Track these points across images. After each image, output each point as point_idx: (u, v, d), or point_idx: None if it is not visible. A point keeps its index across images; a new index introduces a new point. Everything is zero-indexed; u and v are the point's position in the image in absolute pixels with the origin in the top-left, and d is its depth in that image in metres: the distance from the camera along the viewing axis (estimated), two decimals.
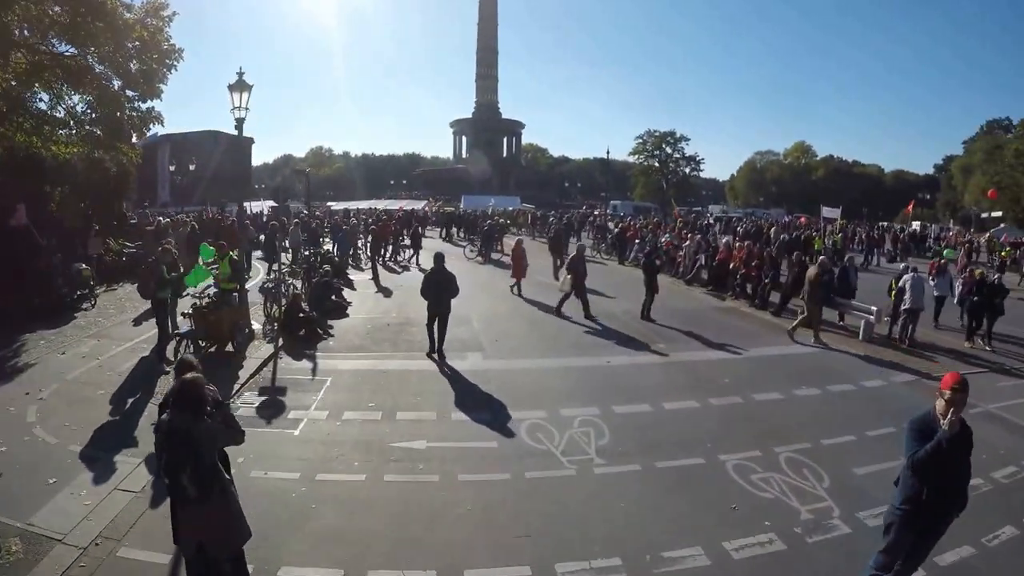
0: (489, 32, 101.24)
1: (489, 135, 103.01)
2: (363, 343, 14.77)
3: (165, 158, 52.51)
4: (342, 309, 17.61)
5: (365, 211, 53.01)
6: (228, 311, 13.53)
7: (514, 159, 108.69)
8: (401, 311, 17.91)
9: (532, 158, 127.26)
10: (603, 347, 14.64)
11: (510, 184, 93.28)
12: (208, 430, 5.34)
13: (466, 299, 19.12)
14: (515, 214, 51.62)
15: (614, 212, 57.55)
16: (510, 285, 20.89)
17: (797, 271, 17.62)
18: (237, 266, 14.56)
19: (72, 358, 13.06)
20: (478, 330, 15.93)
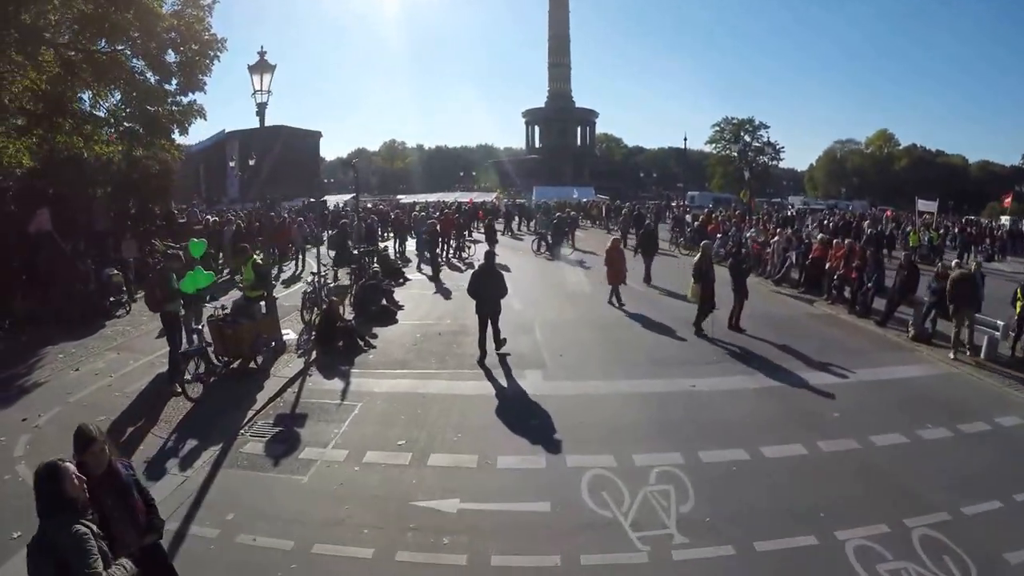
0: (560, 19, 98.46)
1: (562, 125, 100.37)
2: (406, 357, 12.86)
3: (233, 155, 52.74)
4: (391, 315, 15.83)
5: (434, 204, 51.50)
6: (249, 325, 11.87)
7: (587, 149, 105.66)
8: (456, 317, 15.97)
9: (606, 148, 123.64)
10: (686, 364, 12.20)
11: (583, 174, 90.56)
12: (76, 543, 3.47)
13: (530, 303, 17.34)
14: (588, 205, 48.96)
15: (691, 203, 54.17)
16: (608, 298, 17.42)
17: (907, 274, 14.75)
18: (262, 271, 12.93)
19: (84, 375, 11.84)
20: (540, 342, 13.78)
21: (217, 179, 59.27)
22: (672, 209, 47.98)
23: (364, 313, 15.54)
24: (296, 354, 12.86)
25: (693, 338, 13.85)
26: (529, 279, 21.61)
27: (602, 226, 43.02)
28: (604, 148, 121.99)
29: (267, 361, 12.14)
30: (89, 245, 16.98)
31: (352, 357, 12.75)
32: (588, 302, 17.91)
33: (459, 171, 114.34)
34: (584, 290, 19.71)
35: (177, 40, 17.73)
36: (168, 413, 9.92)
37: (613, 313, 16.32)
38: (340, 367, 12.19)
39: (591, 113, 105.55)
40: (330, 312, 13.41)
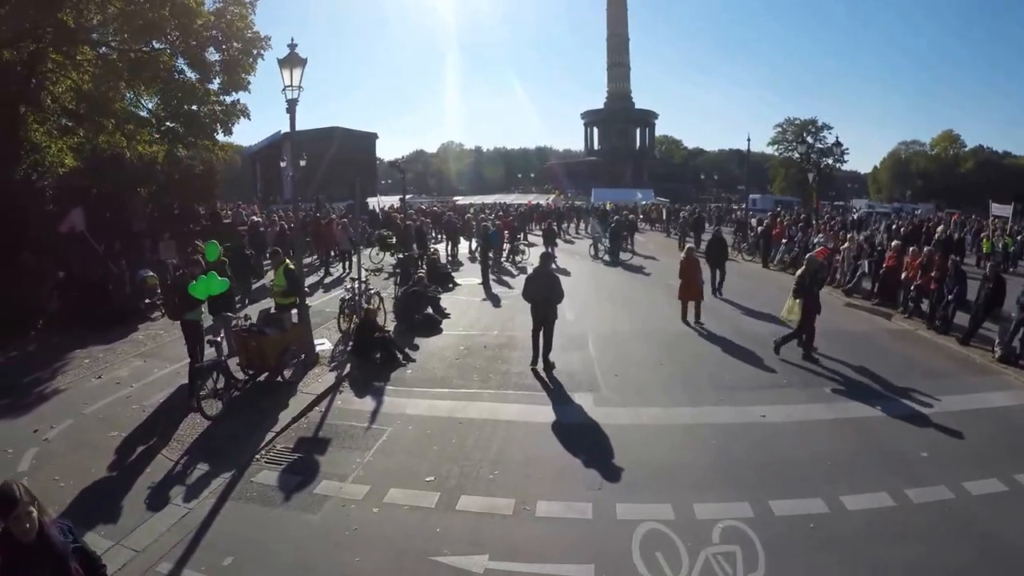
0: (618, 17, 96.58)
1: (621, 126, 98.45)
2: (447, 374, 11.74)
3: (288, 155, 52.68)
4: (435, 324, 14.80)
5: (491, 206, 50.53)
6: (275, 336, 10.99)
7: (647, 151, 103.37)
8: (505, 327, 14.87)
9: (665, 150, 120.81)
10: (755, 389, 10.70)
11: (643, 177, 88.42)
12: None
13: (584, 313, 16.09)
14: (648, 208, 47.23)
15: (753, 207, 51.80)
16: (682, 315, 15.33)
17: (992, 287, 12.90)
18: (294, 277, 12.03)
19: (105, 384, 11.32)
20: (594, 358, 12.46)
21: (273, 179, 59.67)
22: (733, 212, 45.80)
23: (407, 322, 14.59)
24: (329, 367, 11.92)
25: (761, 358, 12.29)
26: (584, 286, 20.33)
27: (662, 230, 41.43)
28: (664, 150, 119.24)
29: (297, 374, 11.29)
30: (125, 246, 16.45)
31: (388, 372, 11.75)
32: (647, 313, 16.50)
33: (519, 173, 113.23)
34: (643, 299, 18.33)
35: (219, 38, 17.22)
36: (183, 431, 9.18)
37: (673, 327, 14.83)
38: (374, 383, 11.22)
39: (650, 114, 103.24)
40: (366, 322, 12.46)
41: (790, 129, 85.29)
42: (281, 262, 12.33)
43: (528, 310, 11.96)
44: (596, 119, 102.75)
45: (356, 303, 13.91)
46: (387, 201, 57.32)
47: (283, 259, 12.43)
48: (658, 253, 28.61)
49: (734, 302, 16.71)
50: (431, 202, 60.59)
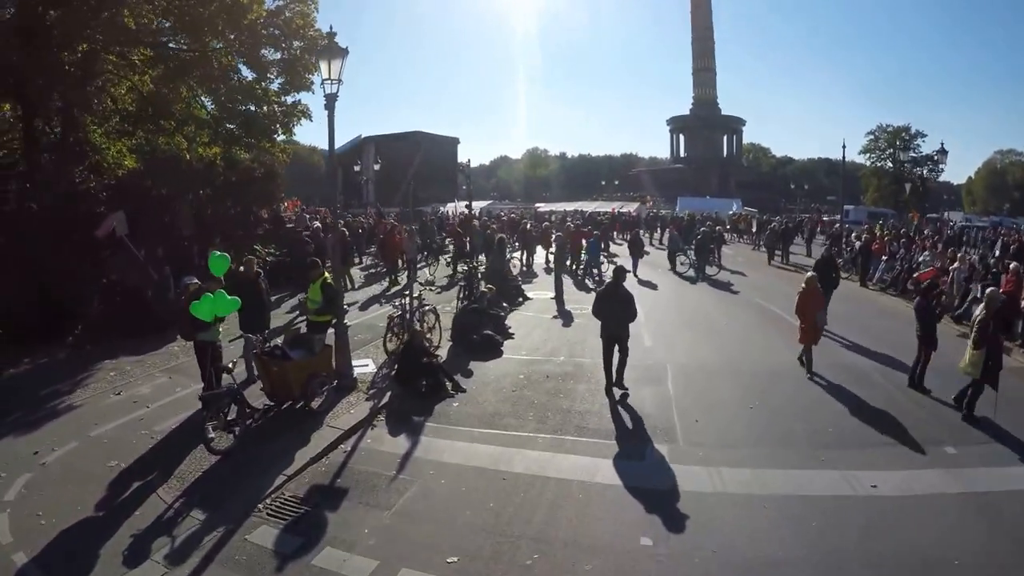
0: (703, 21, 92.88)
1: (707, 133, 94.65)
2: (499, 409, 10.12)
3: (370, 159, 52.74)
4: (495, 347, 13.18)
5: (571, 213, 48.58)
6: (299, 362, 9.67)
7: (734, 159, 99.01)
8: (574, 352, 13.14)
9: (753, 158, 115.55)
10: (863, 447, 8.56)
11: (729, 185, 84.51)
12: None
13: (663, 338, 14.20)
14: (736, 219, 44.25)
15: (846, 218, 47.81)
16: (798, 356, 12.02)
17: None
18: (332, 293, 10.72)
19: (123, 402, 10.38)
20: (673, 397, 10.54)
21: (355, 184, 59.96)
22: (824, 224, 42.23)
23: (463, 343, 13.07)
24: (367, 394, 10.55)
25: (868, 403, 10.11)
26: (665, 304, 18.35)
27: (749, 242, 38.47)
28: (751, 158, 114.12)
29: (328, 402, 9.93)
30: (169, 251, 15.65)
31: (433, 403, 10.29)
32: (736, 341, 14.30)
33: (604, 180, 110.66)
34: (731, 323, 16.07)
35: (277, 36, 16.24)
36: (187, 467, 8.02)
37: (766, 360, 12.66)
38: (413, 417, 9.78)
39: (738, 121, 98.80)
40: (412, 345, 11.04)
41: (883, 137, 79.23)
42: (319, 275, 11.00)
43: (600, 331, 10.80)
44: (682, 126, 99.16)
45: (407, 321, 12.48)
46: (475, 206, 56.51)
47: (322, 272, 11.11)
48: (747, 268, 26.11)
49: (832, 332, 14.42)
50: (512, 208, 59.19)
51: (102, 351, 12.76)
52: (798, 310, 11.62)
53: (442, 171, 68.62)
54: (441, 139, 73.69)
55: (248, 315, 11.36)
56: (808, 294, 11.65)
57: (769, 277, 23.59)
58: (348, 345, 11.02)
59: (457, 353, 12.84)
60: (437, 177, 65.36)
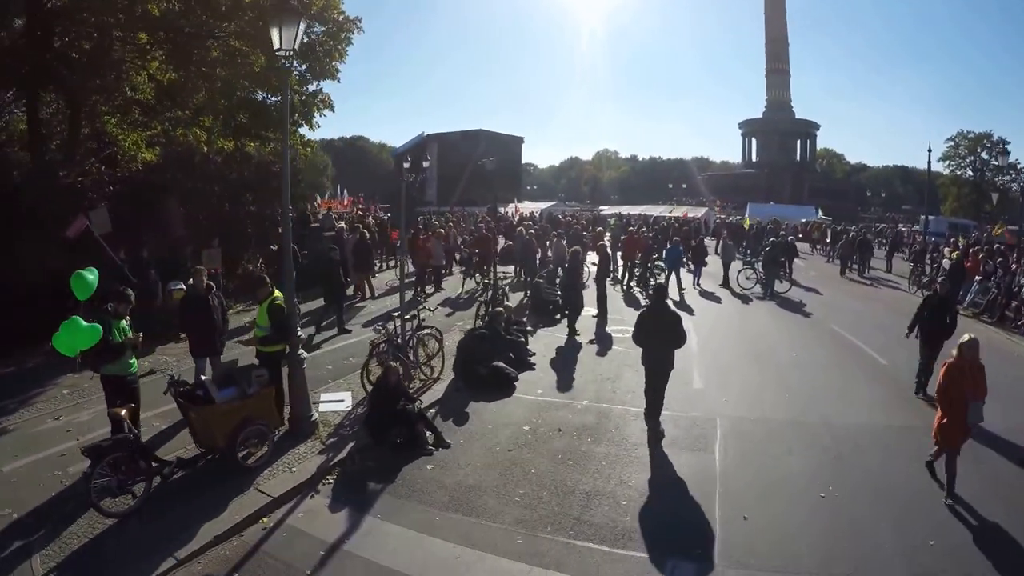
0: (777, 21, 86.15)
1: (780, 137, 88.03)
2: (482, 479, 7.32)
3: (433, 157, 50.51)
4: (506, 382, 10.32)
5: (636, 217, 44.80)
6: (224, 406, 7.15)
7: (807, 164, 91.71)
8: (602, 392, 10.20)
9: (826, 164, 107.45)
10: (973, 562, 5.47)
11: (802, 192, 78.24)
12: None
13: (717, 376, 11.04)
14: (810, 228, 39.51)
15: (926, 230, 42.14)
16: (927, 459, 7.34)
17: None
18: (280, 317, 8.19)
19: (56, 430, 8.51)
20: (718, 473, 7.44)
21: (419, 181, 57.95)
22: (903, 236, 37.01)
23: (467, 377, 10.35)
24: (325, 443, 7.96)
25: (970, 476, 6.97)
26: (723, 331, 14.82)
27: (823, 253, 33.52)
28: (824, 164, 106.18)
29: (271, 453, 7.38)
30: (156, 253, 13.56)
31: (402, 463, 7.67)
32: (807, 385, 10.82)
33: (674, 184, 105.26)
34: (803, 359, 12.42)
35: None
36: (75, 530, 6.03)
37: (850, 418, 9.26)
38: (370, 484, 7.23)
39: (811, 125, 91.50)
40: (384, 384, 8.31)
41: (963, 144, 71.46)
42: (268, 294, 8.40)
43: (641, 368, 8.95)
44: (754, 130, 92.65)
45: (394, 350, 9.80)
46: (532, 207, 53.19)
47: (270, 290, 8.48)
48: (821, 284, 21.95)
49: None
50: (577, 210, 55.85)
51: (72, 362, 10.67)
52: (942, 392, 6.94)
53: (506, 170, 65.41)
54: (505, 138, 70.11)
55: (197, 337, 9.27)
56: (962, 370, 6.82)
57: (847, 297, 19.67)
58: (305, 382, 8.45)
59: (458, 389, 10.15)
60: (501, 176, 62.19)
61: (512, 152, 72.39)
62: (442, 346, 10.85)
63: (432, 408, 9.45)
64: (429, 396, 9.78)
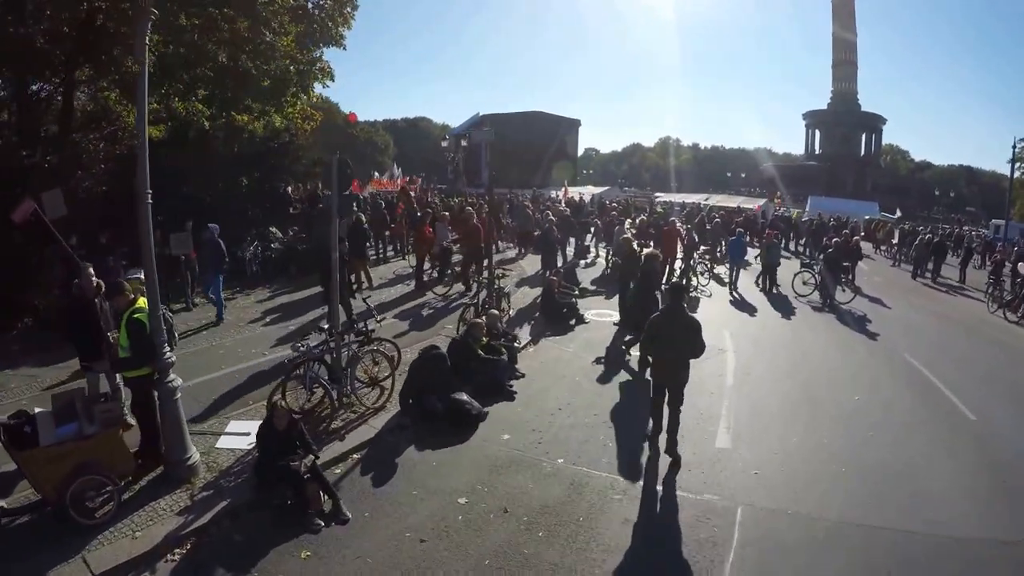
0: (845, 12, 77.56)
1: (845, 129, 79.87)
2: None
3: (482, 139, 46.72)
4: (463, 422, 7.32)
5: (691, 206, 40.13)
6: (53, 449, 4.98)
7: (872, 159, 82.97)
8: (586, 445, 7.07)
9: (890, 160, 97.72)
10: None
11: (865, 187, 70.92)
12: None
13: (751, 436, 7.43)
14: (874, 226, 34.18)
15: (996, 235, 36.05)
16: None
17: None
18: (138, 333, 5.71)
19: None
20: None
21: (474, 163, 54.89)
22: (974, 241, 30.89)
23: (417, 412, 7.45)
24: (195, 496, 5.42)
25: None
26: (767, 355, 10.92)
27: (887, 255, 28.09)
28: (888, 160, 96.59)
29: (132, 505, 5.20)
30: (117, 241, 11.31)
31: (278, 539, 5.09)
32: (883, 455, 7.19)
33: (736, 173, 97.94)
34: (871, 406, 8.65)
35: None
36: None
37: (946, 520, 5.87)
38: (220, 569, 4.55)
39: (878, 119, 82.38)
40: (268, 427, 5.61)
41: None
42: (127, 304, 5.88)
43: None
44: (819, 121, 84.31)
45: (330, 371, 7.07)
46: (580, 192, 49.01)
47: (131, 300, 5.94)
48: (888, 293, 17.39)
49: None
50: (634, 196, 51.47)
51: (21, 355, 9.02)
52: None
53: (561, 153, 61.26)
54: (562, 120, 65.12)
55: (83, 345, 6.88)
56: None
57: (919, 313, 15.39)
58: (179, 416, 5.86)
59: (402, 426, 7.25)
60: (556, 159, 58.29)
61: (568, 135, 67.51)
62: (396, 366, 8.03)
63: (356, 452, 6.67)
64: (358, 435, 6.95)
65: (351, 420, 7.33)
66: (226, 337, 10.37)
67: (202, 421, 7.32)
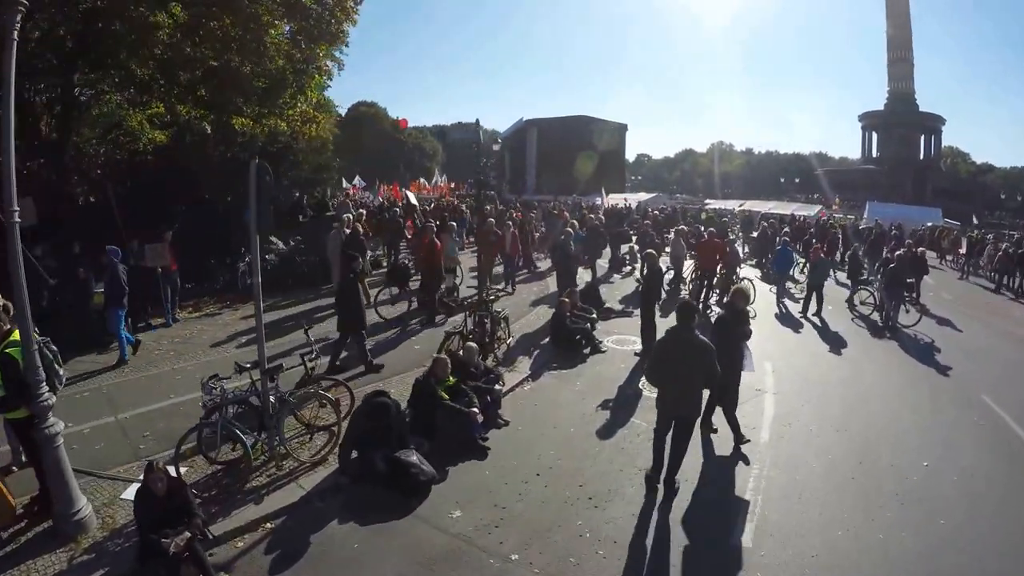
0: (899, 8, 71.34)
1: (903, 131, 73.31)
2: None
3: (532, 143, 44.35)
4: (408, 488, 5.53)
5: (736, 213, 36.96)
6: None
7: (931, 162, 76.05)
8: (566, 532, 5.24)
9: (950, 163, 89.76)
10: None
11: (925, 191, 64.82)
12: None
13: (786, 522, 5.28)
14: (938, 234, 30.10)
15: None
16: None
17: None
18: (12, 371, 4.56)
19: None
20: None
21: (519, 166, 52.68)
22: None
23: (357, 469, 5.73)
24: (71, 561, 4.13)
25: None
26: (816, 399, 8.43)
27: (954, 266, 24.29)
28: (947, 163, 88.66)
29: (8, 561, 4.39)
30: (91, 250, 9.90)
31: None
32: (964, 533, 5.22)
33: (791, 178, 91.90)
34: (949, 476, 6.29)
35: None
36: None
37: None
38: None
39: (936, 119, 75.21)
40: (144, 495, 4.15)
41: None
42: (3, 336, 4.54)
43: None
44: (875, 122, 77.67)
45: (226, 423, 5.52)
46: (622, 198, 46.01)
47: (7, 330, 4.63)
48: (959, 312, 14.43)
49: None
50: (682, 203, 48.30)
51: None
52: None
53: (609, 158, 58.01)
54: (609, 124, 61.78)
55: None
56: None
57: (997, 337, 12.61)
58: (60, 466, 4.71)
59: (339, 487, 5.63)
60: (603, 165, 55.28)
61: (615, 140, 64.12)
62: (349, 412, 6.39)
63: (272, 520, 5.15)
64: (281, 497, 5.43)
65: (279, 477, 5.76)
66: (192, 359, 9.03)
67: (123, 463, 6.04)
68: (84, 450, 6.43)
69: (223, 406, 5.62)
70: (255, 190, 5.44)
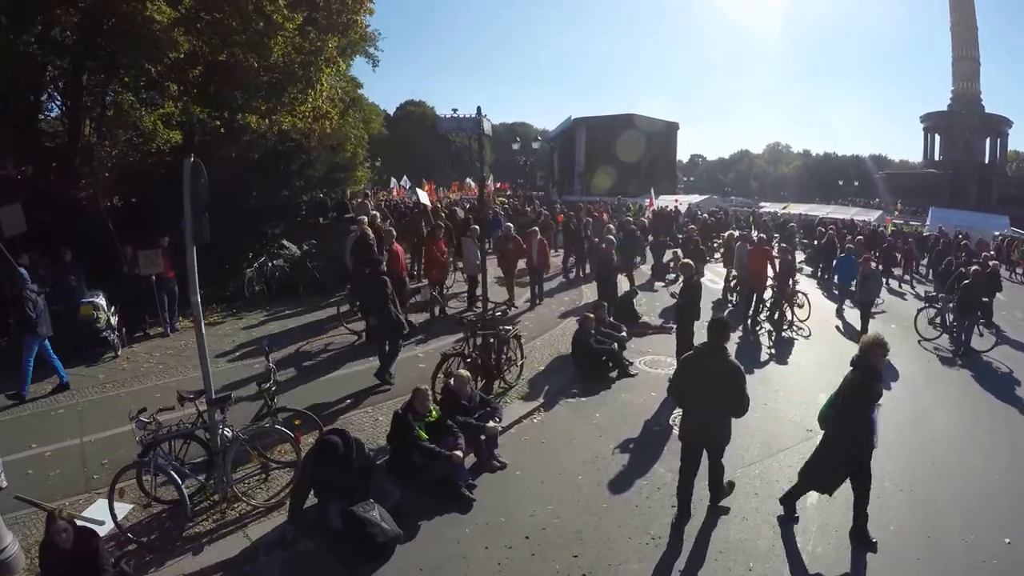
0: (964, 5, 66.12)
1: (967, 133, 68.03)
2: None
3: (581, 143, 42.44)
4: (370, 553, 4.52)
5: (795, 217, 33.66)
6: None
7: (997, 166, 70.33)
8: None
9: (1016, 168, 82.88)
10: None
11: (990, 197, 60.05)
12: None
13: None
14: (1009, 244, 27.06)
15: None
16: None
17: None
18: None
19: None
20: None
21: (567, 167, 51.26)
22: None
23: (308, 521, 4.79)
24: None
25: None
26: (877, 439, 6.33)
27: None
28: (1014, 168, 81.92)
29: None
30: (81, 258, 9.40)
31: None
32: None
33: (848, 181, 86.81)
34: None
35: None
36: None
37: None
38: None
39: (1003, 121, 69.31)
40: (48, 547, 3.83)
41: None
42: None
43: None
44: (938, 124, 72.02)
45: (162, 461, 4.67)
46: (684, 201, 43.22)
47: None
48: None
49: None
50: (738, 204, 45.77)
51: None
52: None
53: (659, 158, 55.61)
54: (658, 123, 59.11)
55: None
56: None
57: None
58: None
59: (284, 541, 4.70)
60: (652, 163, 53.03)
61: (665, 139, 61.41)
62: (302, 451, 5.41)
63: None
64: (221, 549, 4.66)
65: (226, 523, 4.91)
66: (178, 374, 8.32)
67: (72, 495, 5.39)
68: (39, 476, 5.80)
69: (157, 443, 4.76)
70: (189, 194, 4.55)
